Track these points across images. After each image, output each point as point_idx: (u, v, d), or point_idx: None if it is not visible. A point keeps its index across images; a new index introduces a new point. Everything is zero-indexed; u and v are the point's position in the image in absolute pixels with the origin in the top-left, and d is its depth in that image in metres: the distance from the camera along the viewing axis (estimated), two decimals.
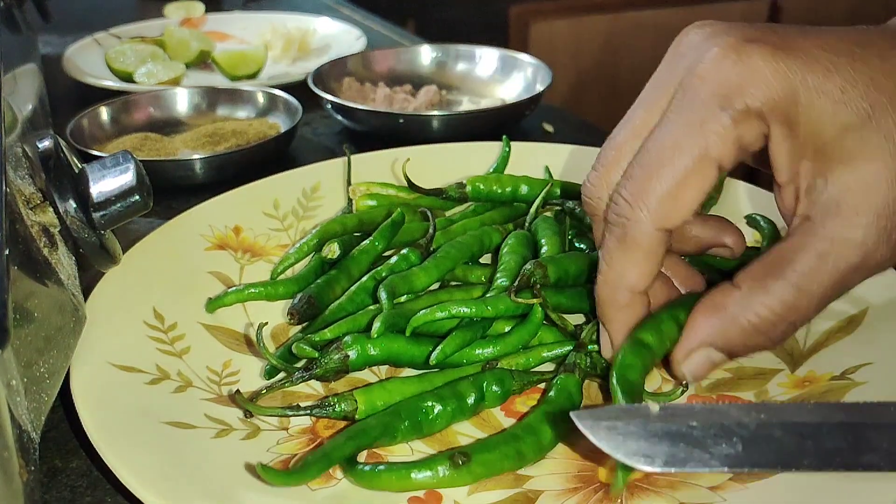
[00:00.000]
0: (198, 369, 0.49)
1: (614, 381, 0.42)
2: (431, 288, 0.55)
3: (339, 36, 1.15)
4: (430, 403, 0.45)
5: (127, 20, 1.22)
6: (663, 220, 0.41)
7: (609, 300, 0.45)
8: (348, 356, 0.47)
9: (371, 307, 0.53)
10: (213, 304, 0.54)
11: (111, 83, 0.98)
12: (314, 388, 0.49)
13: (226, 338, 0.53)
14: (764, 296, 0.41)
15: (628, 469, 0.35)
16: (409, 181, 0.61)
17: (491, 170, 0.67)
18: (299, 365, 0.49)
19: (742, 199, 0.63)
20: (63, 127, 0.79)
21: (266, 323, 0.49)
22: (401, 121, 0.82)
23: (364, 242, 0.58)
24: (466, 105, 0.95)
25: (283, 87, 0.91)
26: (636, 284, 0.43)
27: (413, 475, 0.41)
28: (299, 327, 0.54)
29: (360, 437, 0.42)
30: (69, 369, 0.46)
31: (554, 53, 2.08)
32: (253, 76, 1.03)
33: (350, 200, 0.63)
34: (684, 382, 0.48)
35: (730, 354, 0.43)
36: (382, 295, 0.51)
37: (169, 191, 0.74)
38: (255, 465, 0.40)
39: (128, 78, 1.00)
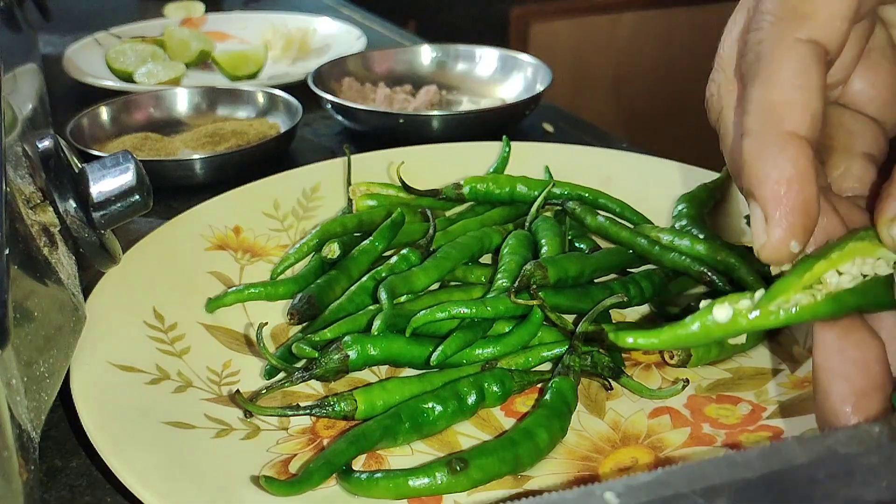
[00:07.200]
0: (198, 369, 0.49)
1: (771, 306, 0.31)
2: (431, 288, 0.55)
3: (339, 36, 1.15)
4: (430, 405, 0.45)
5: (127, 20, 1.22)
6: (796, 25, 0.32)
7: (755, 151, 0.31)
8: (348, 356, 0.47)
9: (371, 307, 0.53)
10: (213, 304, 0.54)
11: (111, 83, 0.98)
12: (314, 388, 0.49)
13: (226, 338, 0.53)
14: None
15: None
16: (403, 182, 0.62)
17: (490, 170, 0.67)
18: (299, 365, 0.49)
19: (740, 200, 0.63)
20: (63, 127, 0.79)
21: (266, 323, 0.49)
22: (401, 121, 0.82)
23: (364, 242, 0.58)
24: (466, 105, 0.95)
25: (283, 87, 0.91)
26: (790, 120, 0.31)
27: (410, 482, 0.40)
28: (299, 327, 0.54)
29: (361, 442, 0.42)
30: (69, 369, 0.46)
31: (554, 53, 2.08)
32: (253, 76, 1.03)
33: (350, 200, 0.63)
34: (684, 379, 0.48)
35: None
36: (382, 295, 0.51)
37: (169, 191, 0.74)
38: (255, 470, 0.40)
39: (128, 78, 1.00)
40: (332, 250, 0.57)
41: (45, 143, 0.48)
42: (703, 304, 0.31)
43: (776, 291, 0.31)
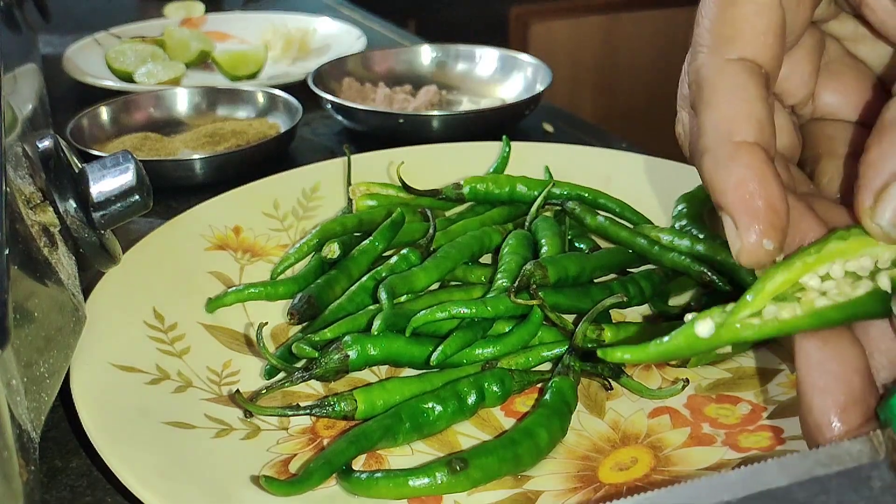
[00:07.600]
0: (198, 369, 0.49)
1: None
2: (431, 288, 0.55)
3: (339, 36, 1.15)
4: (430, 404, 0.45)
5: (127, 20, 1.21)
6: (725, 49, 0.34)
7: (712, 166, 0.32)
8: (348, 356, 0.47)
9: (371, 307, 0.53)
10: (213, 304, 0.54)
11: (111, 83, 0.98)
12: (314, 388, 0.49)
13: (226, 338, 0.53)
14: None
15: None
16: (403, 182, 0.62)
17: (491, 170, 0.67)
18: (299, 365, 0.49)
19: None
20: (63, 127, 0.79)
21: (266, 323, 0.49)
22: (401, 121, 0.82)
23: (364, 242, 0.58)
24: (466, 105, 0.95)
25: (283, 87, 0.91)
26: (737, 130, 0.32)
27: (411, 482, 0.40)
28: (299, 327, 0.54)
29: (361, 441, 0.42)
30: (69, 369, 0.46)
31: (554, 53, 2.08)
32: (253, 76, 1.03)
33: (350, 200, 0.63)
34: (684, 379, 0.48)
35: None
36: (382, 295, 0.51)
37: (169, 191, 0.74)
38: (255, 470, 0.40)
39: (128, 78, 1.00)
40: (332, 250, 0.57)
41: (45, 143, 0.48)
42: (687, 317, 0.31)
43: (741, 305, 0.31)
